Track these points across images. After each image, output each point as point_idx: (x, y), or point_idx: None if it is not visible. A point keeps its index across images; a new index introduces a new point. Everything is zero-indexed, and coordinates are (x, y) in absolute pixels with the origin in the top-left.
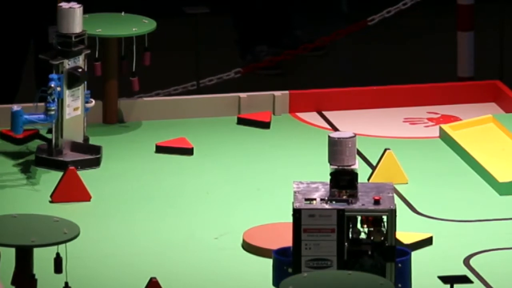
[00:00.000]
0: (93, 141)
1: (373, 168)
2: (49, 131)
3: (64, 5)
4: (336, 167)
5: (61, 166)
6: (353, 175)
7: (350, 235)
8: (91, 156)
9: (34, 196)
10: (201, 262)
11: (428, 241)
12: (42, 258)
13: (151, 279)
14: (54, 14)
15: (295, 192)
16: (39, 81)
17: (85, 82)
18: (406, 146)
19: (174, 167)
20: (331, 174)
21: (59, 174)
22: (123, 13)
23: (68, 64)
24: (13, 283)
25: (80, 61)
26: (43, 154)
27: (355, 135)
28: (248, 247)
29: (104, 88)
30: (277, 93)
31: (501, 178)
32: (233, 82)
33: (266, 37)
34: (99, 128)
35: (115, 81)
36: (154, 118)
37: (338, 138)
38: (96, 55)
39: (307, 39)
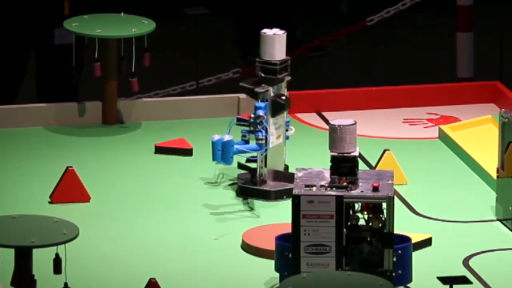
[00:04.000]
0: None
1: (372, 169)
2: (248, 160)
3: (267, 31)
4: (336, 154)
5: (265, 195)
6: (354, 162)
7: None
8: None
9: (34, 197)
10: (200, 263)
11: (427, 242)
12: (42, 259)
13: (150, 279)
14: (59, 16)
15: (296, 178)
16: (39, 83)
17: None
18: (406, 147)
19: (174, 167)
20: (331, 160)
21: (59, 174)
22: (122, 14)
23: (272, 92)
24: (12, 283)
25: (283, 88)
26: (246, 184)
27: (355, 122)
28: (248, 248)
29: (103, 89)
30: None
31: None
32: (232, 83)
33: None
34: (98, 129)
35: (114, 81)
36: (154, 119)
37: (339, 125)
38: (96, 56)
39: (307, 39)
